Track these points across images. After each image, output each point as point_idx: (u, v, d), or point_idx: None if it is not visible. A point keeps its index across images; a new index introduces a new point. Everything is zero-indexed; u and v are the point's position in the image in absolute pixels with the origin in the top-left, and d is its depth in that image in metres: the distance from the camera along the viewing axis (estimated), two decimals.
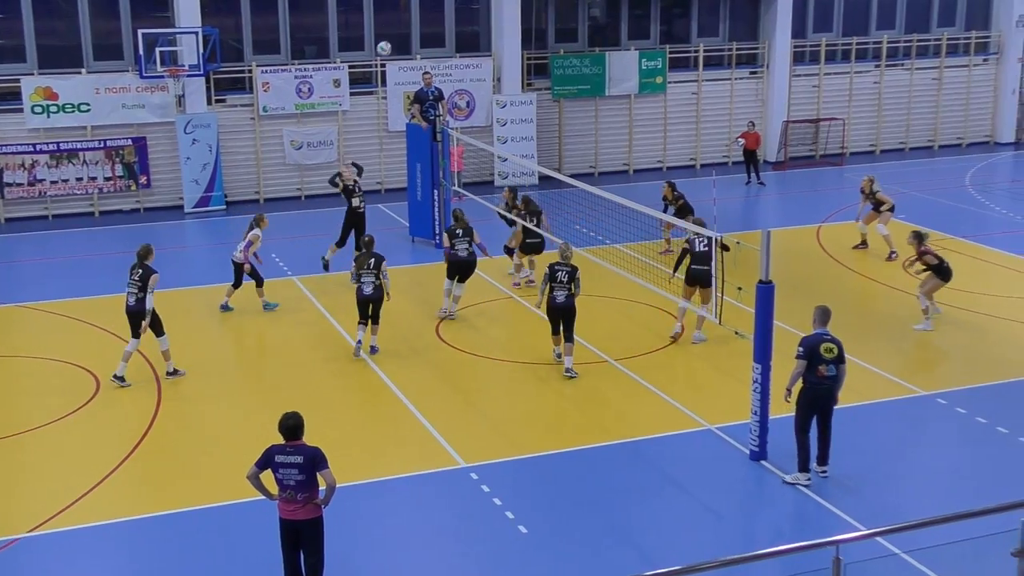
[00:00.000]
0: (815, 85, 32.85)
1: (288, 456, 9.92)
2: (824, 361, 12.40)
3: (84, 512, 12.33)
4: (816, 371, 12.42)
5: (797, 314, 16.35)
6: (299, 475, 9.88)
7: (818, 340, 12.46)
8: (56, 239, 25.02)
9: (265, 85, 27.61)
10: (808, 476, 12.66)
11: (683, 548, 11.38)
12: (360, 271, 16.73)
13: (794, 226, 24.82)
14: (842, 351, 12.51)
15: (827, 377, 12.44)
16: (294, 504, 9.95)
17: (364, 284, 16.70)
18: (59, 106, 26.22)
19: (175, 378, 16.02)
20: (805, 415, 12.58)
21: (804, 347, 12.45)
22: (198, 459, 13.73)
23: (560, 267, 15.78)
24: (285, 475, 9.92)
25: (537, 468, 13.37)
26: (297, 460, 9.88)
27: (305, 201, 28.29)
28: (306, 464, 9.87)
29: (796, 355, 12.45)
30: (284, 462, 9.92)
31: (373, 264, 16.68)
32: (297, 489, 9.90)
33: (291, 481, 9.91)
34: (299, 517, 9.98)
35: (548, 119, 30.46)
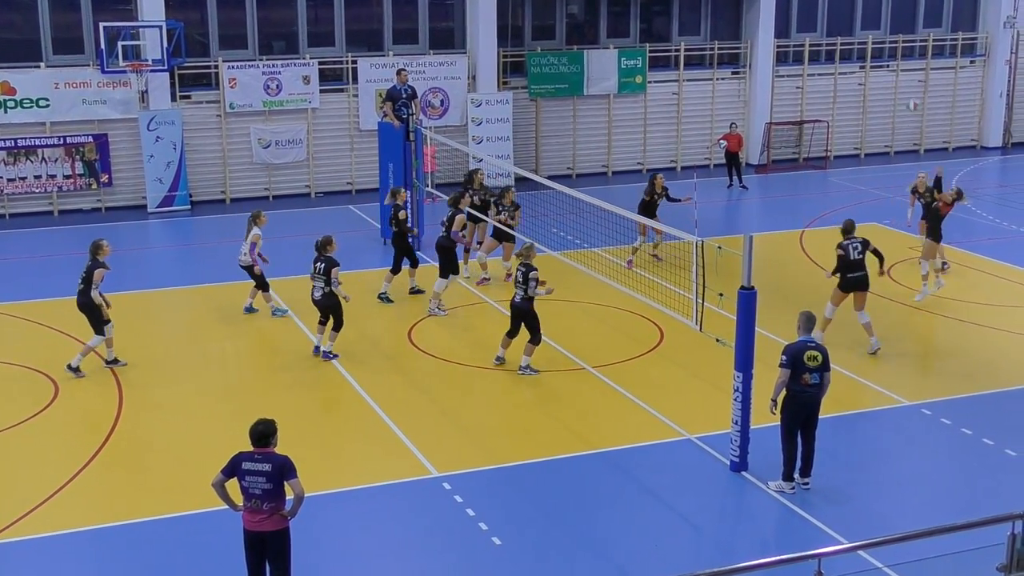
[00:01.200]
0: (798, 86, 32.36)
1: (256, 464, 9.57)
2: (808, 369, 12.18)
3: (42, 521, 12.04)
4: (800, 379, 12.21)
5: (779, 321, 16.17)
6: (266, 483, 9.52)
7: (802, 348, 12.24)
8: (13, 239, 24.37)
9: (232, 81, 26.86)
10: (792, 485, 12.49)
11: (661, 561, 11.20)
12: (312, 274, 16.39)
13: (777, 231, 24.48)
14: (827, 359, 12.33)
15: (811, 385, 12.22)
16: (260, 514, 9.59)
17: (314, 288, 16.38)
18: (16, 101, 25.42)
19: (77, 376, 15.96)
20: (790, 423, 12.38)
21: (787, 355, 12.22)
22: (160, 467, 13.38)
23: (519, 267, 15.66)
24: (251, 483, 9.55)
25: (512, 478, 13.10)
26: (265, 468, 9.53)
27: (273, 201, 27.65)
28: (274, 473, 9.53)
29: (780, 363, 12.25)
30: (251, 469, 9.56)
31: (323, 269, 16.22)
32: (263, 498, 9.56)
33: (257, 490, 9.55)
34: (264, 528, 9.64)
35: (525, 119, 29.88)
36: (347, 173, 28.36)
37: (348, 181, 28.37)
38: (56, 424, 14.57)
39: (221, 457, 13.18)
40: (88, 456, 13.49)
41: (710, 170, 30.93)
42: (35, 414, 14.76)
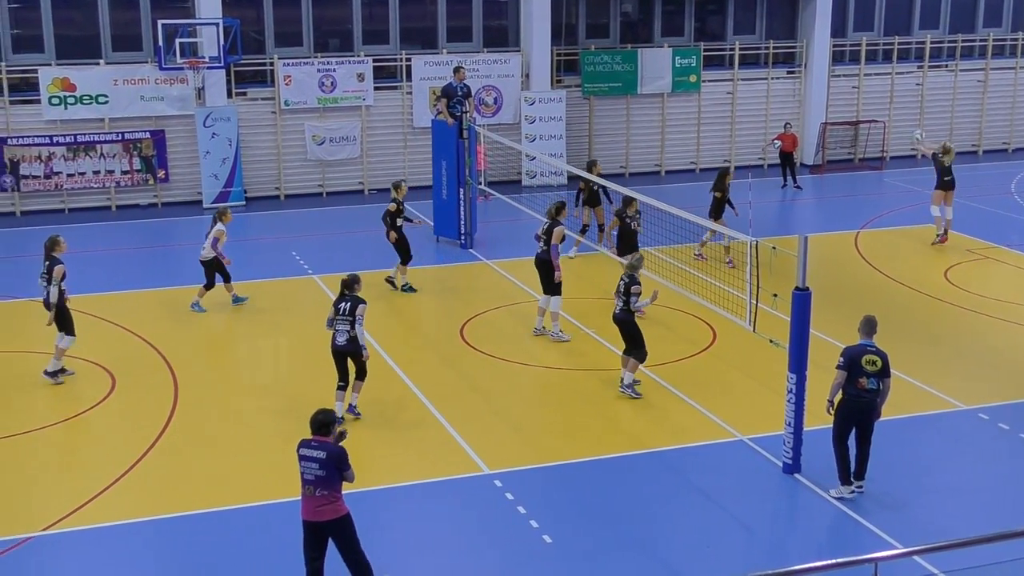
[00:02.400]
0: (855, 86, 32.00)
1: (312, 450, 9.96)
2: (866, 373, 12.00)
3: (98, 511, 12.16)
4: (857, 383, 12.03)
5: (834, 323, 15.99)
6: (319, 470, 9.88)
7: (861, 351, 12.09)
8: (72, 233, 24.33)
9: (287, 78, 27.02)
10: (851, 488, 12.32)
11: (712, 563, 11.10)
12: (335, 317, 14.11)
13: (832, 231, 24.23)
14: (887, 365, 12.11)
15: (868, 390, 12.03)
16: (313, 501, 9.91)
17: (338, 333, 14.10)
18: (77, 97, 25.72)
19: (59, 378, 15.65)
20: (842, 427, 12.22)
21: (845, 357, 12.09)
22: (214, 460, 13.47)
23: (623, 277, 15.10)
24: (306, 468, 9.95)
25: (563, 476, 13.06)
26: (320, 455, 9.91)
27: (327, 198, 27.74)
28: (328, 461, 9.89)
29: (837, 365, 12.11)
30: (307, 455, 9.97)
31: (348, 309, 14.00)
32: (316, 484, 9.90)
33: (311, 476, 9.92)
34: (323, 518, 9.95)
35: (578, 117, 29.77)
36: (400, 170, 28.40)
37: (401, 178, 28.42)
38: (112, 416, 14.71)
39: (272, 452, 13.36)
40: (144, 448, 13.61)
41: (764, 170, 30.65)
42: (92, 407, 14.90)
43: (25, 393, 15.43)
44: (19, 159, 25.45)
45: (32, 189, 25.75)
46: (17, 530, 11.67)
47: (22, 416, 14.60)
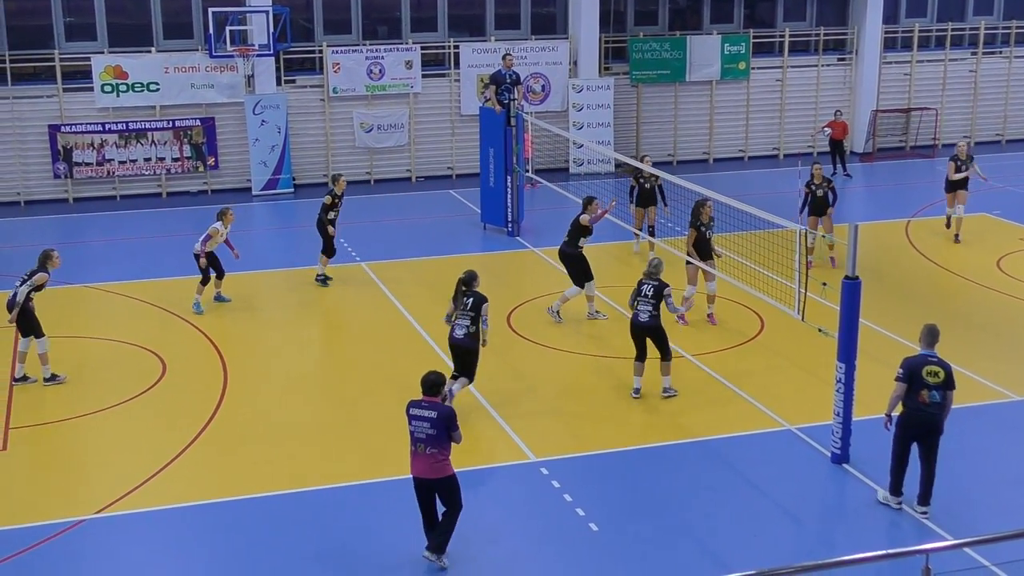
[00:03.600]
0: (907, 73, 31.64)
1: (422, 410, 10.46)
2: (927, 386, 11.44)
3: (149, 495, 12.28)
4: (918, 396, 11.46)
5: (884, 312, 15.81)
6: (430, 429, 10.38)
7: (921, 362, 11.52)
8: (124, 220, 24.95)
9: (335, 66, 27.13)
10: (899, 500, 11.86)
11: (759, 552, 11.01)
12: (457, 312, 14.08)
13: (882, 220, 23.99)
14: (950, 376, 11.57)
15: (930, 404, 11.48)
16: (424, 459, 10.41)
17: (456, 327, 14.05)
18: (128, 85, 25.99)
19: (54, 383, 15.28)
20: (902, 443, 11.67)
21: (904, 368, 11.52)
22: (264, 446, 13.55)
23: (646, 282, 14.52)
24: (417, 427, 10.43)
25: (609, 465, 13.03)
26: (431, 415, 10.39)
27: (375, 185, 27.84)
28: (438, 420, 10.37)
29: (896, 376, 11.58)
30: (418, 415, 10.46)
31: (472, 304, 13.96)
32: (427, 443, 10.39)
33: (422, 435, 10.41)
34: (433, 476, 10.46)
35: (626, 105, 29.66)
36: (448, 158, 28.50)
37: (449, 166, 28.52)
38: (163, 401, 14.85)
39: (321, 438, 13.46)
40: (194, 433, 13.75)
41: (813, 158, 30.30)
42: (143, 391, 15.06)
43: (78, 378, 15.60)
44: (72, 146, 25.77)
45: (84, 176, 26.06)
46: (71, 513, 11.81)
47: (75, 401, 14.78)
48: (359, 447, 13.41)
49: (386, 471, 12.63)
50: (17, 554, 11.01)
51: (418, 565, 10.81)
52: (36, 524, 11.57)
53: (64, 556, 11.06)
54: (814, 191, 19.94)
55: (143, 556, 11.15)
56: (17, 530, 11.46)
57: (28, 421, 14.13)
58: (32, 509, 11.96)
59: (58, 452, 13.41)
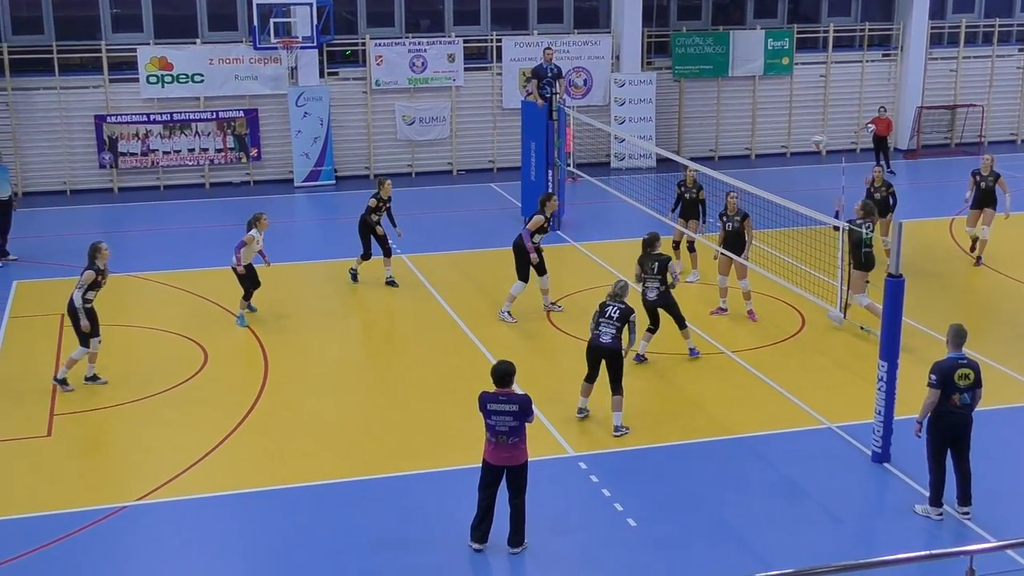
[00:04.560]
0: (953, 69, 31.32)
1: (501, 404, 10.52)
2: (959, 389, 11.30)
3: (191, 483, 12.39)
4: (949, 400, 11.33)
5: (927, 310, 15.58)
6: (513, 421, 10.50)
7: (953, 366, 11.34)
8: (167, 210, 25.14)
9: (378, 58, 27.21)
10: (940, 511, 11.63)
11: (799, 551, 10.97)
12: (644, 275, 15.06)
13: (926, 218, 23.79)
14: (979, 376, 11.44)
15: (961, 406, 11.36)
16: (506, 450, 10.51)
17: (648, 289, 15.09)
18: (173, 76, 26.20)
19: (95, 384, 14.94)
20: (937, 447, 11.50)
21: (937, 375, 11.31)
22: (304, 435, 13.62)
23: (612, 304, 13.67)
24: (498, 421, 10.50)
25: (648, 460, 13.01)
26: (512, 408, 10.49)
27: (416, 178, 27.89)
28: (519, 412, 10.50)
29: (928, 383, 11.39)
30: (499, 410, 10.51)
31: (658, 268, 15.03)
32: (510, 435, 10.49)
33: (504, 427, 10.51)
34: (513, 463, 10.57)
35: (668, 99, 29.57)
36: (489, 151, 28.52)
37: (490, 159, 28.55)
38: (205, 390, 14.96)
39: (360, 427, 13.53)
40: (235, 422, 13.85)
41: (857, 155, 30.15)
42: (185, 380, 15.18)
43: (120, 366, 15.74)
44: (117, 136, 26.03)
45: (129, 166, 26.31)
46: (113, 499, 11.93)
47: (117, 389, 14.91)
48: (399, 438, 13.46)
49: (425, 463, 12.73)
50: (60, 539, 11.13)
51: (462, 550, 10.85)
52: (79, 510, 11.70)
53: (106, 542, 11.17)
54: (978, 183, 19.78)
55: (184, 543, 11.24)
56: (60, 515, 11.59)
57: (72, 408, 14.28)
58: (75, 495, 12.09)
59: (101, 439, 13.56)
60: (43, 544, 11.04)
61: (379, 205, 19.00)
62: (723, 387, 14.91)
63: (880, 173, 20.02)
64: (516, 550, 10.84)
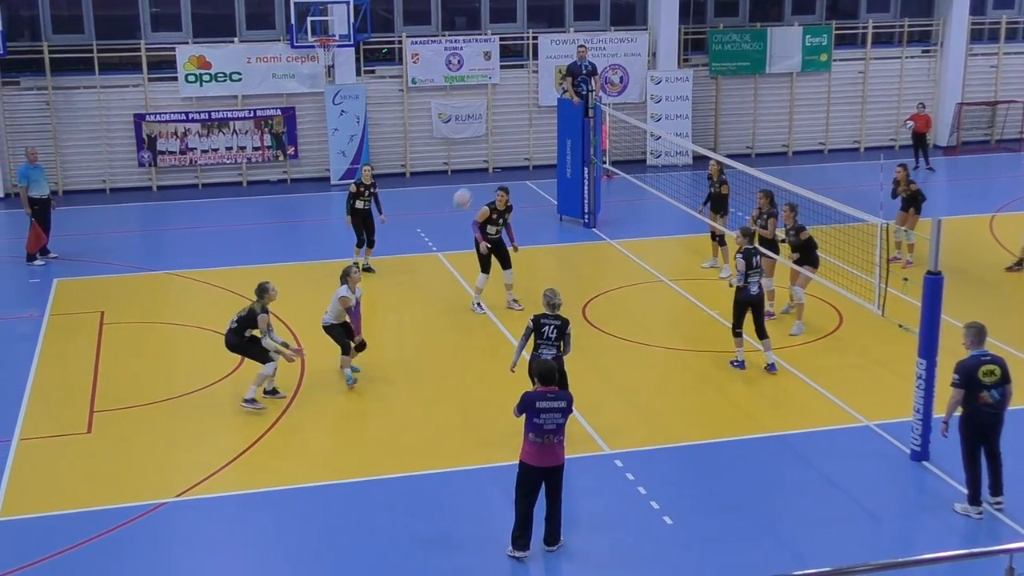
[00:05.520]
0: (993, 65, 31.01)
1: (550, 402, 10.41)
2: (985, 387, 11.23)
3: (228, 480, 12.47)
4: (978, 398, 11.27)
5: (966, 308, 15.48)
6: (561, 418, 10.42)
7: (975, 364, 11.30)
8: (206, 208, 25.32)
9: (415, 56, 27.27)
10: (980, 510, 11.55)
11: (836, 549, 10.91)
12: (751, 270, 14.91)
13: (966, 215, 23.60)
14: (1006, 371, 11.36)
15: (991, 404, 11.29)
16: (548, 449, 10.38)
17: (750, 284, 14.93)
18: (211, 75, 26.36)
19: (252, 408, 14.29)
20: (971, 446, 11.45)
21: (960, 374, 11.29)
22: (339, 434, 13.73)
23: (547, 321, 12.81)
24: (547, 419, 10.37)
25: (684, 458, 13.00)
26: (561, 405, 10.43)
27: (452, 176, 27.92)
28: (568, 408, 10.47)
29: (952, 382, 11.37)
30: (550, 407, 10.40)
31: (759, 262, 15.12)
32: (556, 432, 10.41)
33: (552, 424, 10.40)
34: (557, 463, 10.47)
35: (704, 97, 29.44)
36: (525, 149, 28.52)
37: (526, 157, 28.54)
38: (242, 388, 14.83)
39: (396, 425, 13.53)
40: (272, 420, 13.90)
41: (896, 151, 29.91)
42: (222, 378, 15.21)
43: (160, 363, 15.90)
44: (156, 135, 26.22)
45: (168, 164, 26.50)
46: (152, 496, 12.02)
47: (157, 386, 15.03)
48: (435, 435, 13.49)
49: (465, 459, 12.77)
50: (100, 535, 11.22)
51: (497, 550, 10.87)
52: (118, 506, 11.80)
53: (145, 538, 11.26)
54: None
55: (221, 540, 11.31)
56: (100, 511, 11.71)
57: (112, 405, 14.41)
58: (115, 492, 12.19)
59: (140, 436, 13.64)
60: (83, 540, 11.14)
61: (359, 191, 19.31)
62: (760, 386, 14.85)
63: (904, 173, 19.90)
64: (552, 548, 10.83)
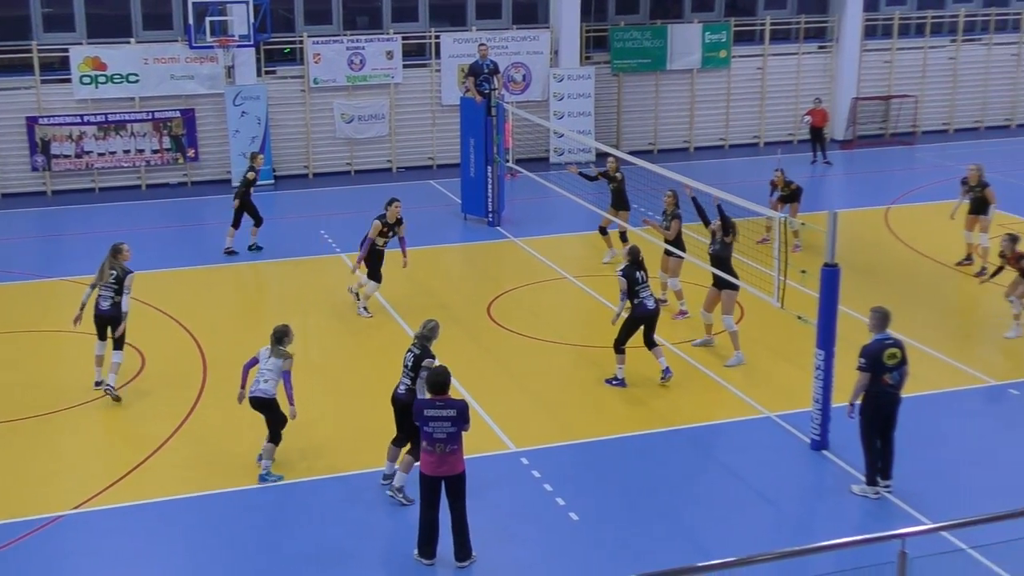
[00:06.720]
0: (887, 60, 31.71)
1: (439, 410, 10.25)
2: (888, 369, 11.63)
3: (128, 490, 12.25)
4: (880, 380, 11.64)
5: (862, 299, 15.82)
6: (451, 427, 10.26)
7: (880, 347, 11.66)
8: (103, 212, 24.78)
9: (316, 56, 27.05)
10: (877, 490, 11.95)
11: (738, 539, 11.10)
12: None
13: (861, 207, 24.07)
14: (905, 353, 11.79)
15: (891, 385, 11.68)
16: (439, 458, 10.24)
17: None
18: (107, 76, 25.85)
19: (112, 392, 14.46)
20: (871, 426, 11.83)
21: (866, 358, 11.63)
22: (241, 440, 13.47)
23: (409, 351, 11.82)
24: (436, 428, 10.24)
25: (589, 454, 13.08)
26: (450, 414, 10.24)
27: (355, 176, 27.77)
28: (458, 417, 10.27)
29: (858, 366, 11.69)
30: (436, 415, 10.24)
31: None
32: (447, 442, 10.24)
33: (442, 434, 10.25)
34: (452, 472, 10.31)
35: (607, 94, 29.65)
36: (428, 148, 28.44)
37: (429, 156, 28.46)
38: (142, 396, 14.74)
39: (299, 431, 13.38)
40: (173, 427, 13.68)
41: (794, 146, 30.44)
42: (122, 385, 14.86)
43: (55, 372, 15.57)
44: (50, 138, 25.62)
45: (63, 168, 25.92)
46: (48, 509, 11.75)
47: (52, 395, 14.69)
48: (339, 440, 13.41)
49: (369, 463, 12.68)
50: None
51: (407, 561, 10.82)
52: (13, 520, 11.51)
53: (41, 553, 11.02)
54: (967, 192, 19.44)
55: (121, 552, 11.10)
56: None
57: (4, 417, 14.03)
58: (9, 506, 11.89)
59: (35, 448, 13.31)
60: None
61: (255, 178, 20.57)
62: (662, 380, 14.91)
63: (781, 176, 20.48)
64: (464, 564, 10.63)
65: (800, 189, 20.59)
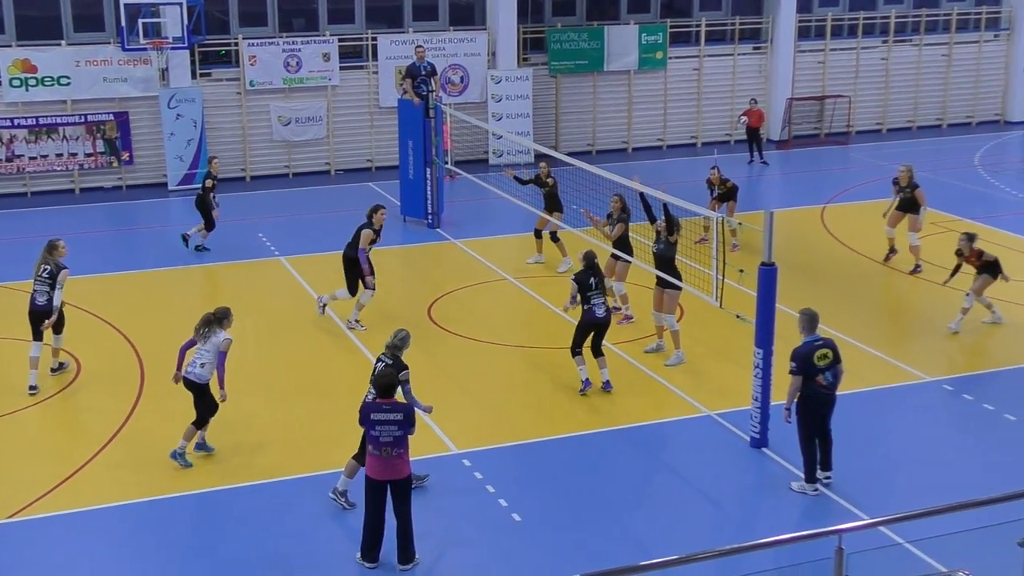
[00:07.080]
0: (820, 61, 32.08)
1: (385, 413, 10.20)
2: (820, 370, 11.73)
3: (64, 498, 12.09)
4: (814, 381, 11.75)
5: (800, 297, 15.94)
6: (397, 431, 10.19)
7: (810, 350, 11.76)
8: (35, 217, 24.37)
9: (252, 59, 26.82)
10: (815, 487, 12.07)
11: (680, 537, 11.17)
12: None
13: (798, 207, 24.33)
14: (837, 352, 11.89)
15: (825, 386, 11.79)
16: (386, 462, 10.17)
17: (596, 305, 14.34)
18: (38, 79, 25.44)
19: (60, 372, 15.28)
20: (808, 427, 11.94)
21: (797, 361, 11.73)
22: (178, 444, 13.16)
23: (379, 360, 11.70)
24: (383, 432, 10.17)
25: (531, 455, 13.10)
26: (397, 417, 10.18)
27: (293, 179, 27.57)
28: (404, 421, 10.20)
29: (790, 370, 11.78)
30: (383, 419, 10.18)
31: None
32: (394, 445, 10.18)
33: (389, 438, 10.19)
34: (397, 476, 10.25)
35: (544, 95, 29.70)
36: (367, 150, 28.32)
37: (368, 159, 28.34)
38: (78, 402, 14.58)
39: (242, 432, 13.27)
40: (110, 433, 13.50)
41: (731, 146, 30.72)
42: (57, 392, 14.75)
43: None
44: None
45: None
46: None
47: None
48: (279, 443, 13.28)
49: (309, 466, 12.57)
50: None
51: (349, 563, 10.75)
52: None
53: None
54: (898, 193, 19.58)
55: (57, 561, 10.92)
56: None
57: None
58: None
59: None
60: None
61: (215, 184, 20.65)
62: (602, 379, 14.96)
63: (717, 174, 20.77)
64: (407, 567, 10.59)
65: (736, 187, 20.82)
